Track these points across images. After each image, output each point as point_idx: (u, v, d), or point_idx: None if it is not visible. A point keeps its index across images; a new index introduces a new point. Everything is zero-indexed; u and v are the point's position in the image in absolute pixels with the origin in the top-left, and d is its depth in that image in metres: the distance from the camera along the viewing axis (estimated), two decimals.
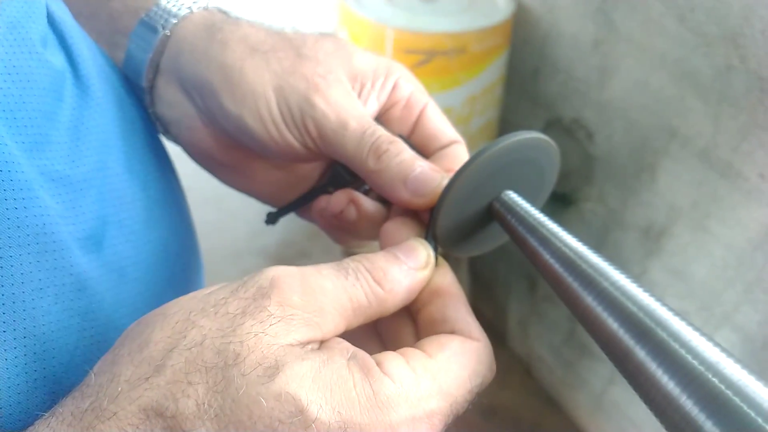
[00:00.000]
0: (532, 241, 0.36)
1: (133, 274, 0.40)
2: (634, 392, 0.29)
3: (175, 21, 0.43)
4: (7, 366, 0.31)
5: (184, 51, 0.42)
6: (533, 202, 0.38)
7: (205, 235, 0.57)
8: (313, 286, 0.30)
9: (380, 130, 0.40)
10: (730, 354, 0.27)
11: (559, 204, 1.39)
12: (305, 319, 0.29)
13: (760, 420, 0.23)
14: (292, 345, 0.28)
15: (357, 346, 0.32)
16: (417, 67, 1.09)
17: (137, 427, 0.26)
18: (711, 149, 1.02)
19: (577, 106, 1.27)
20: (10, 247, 0.31)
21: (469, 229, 0.40)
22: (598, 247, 1.35)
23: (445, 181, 0.38)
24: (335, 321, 0.31)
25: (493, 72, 1.18)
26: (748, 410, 0.24)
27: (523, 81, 1.38)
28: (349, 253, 1.64)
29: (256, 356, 0.27)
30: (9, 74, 0.33)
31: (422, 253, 0.36)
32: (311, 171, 0.49)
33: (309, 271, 0.31)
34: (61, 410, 0.27)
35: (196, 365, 0.27)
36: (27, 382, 0.32)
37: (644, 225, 1.21)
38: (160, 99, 0.45)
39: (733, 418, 0.24)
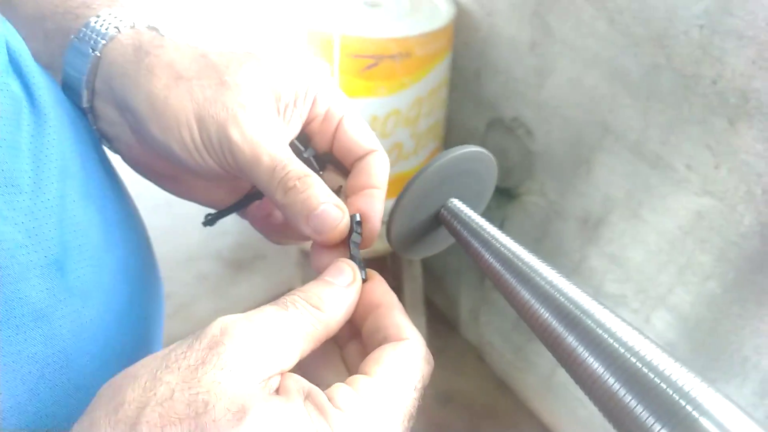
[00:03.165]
0: (475, 243, 0.40)
1: (95, 297, 0.41)
2: None
3: (103, 42, 0.43)
4: None
5: (115, 75, 0.43)
6: (476, 207, 0.42)
7: (158, 240, 0.58)
8: (262, 326, 0.33)
9: (291, 165, 0.41)
10: (647, 337, 0.31)
11: (503, 198, 1.44)
12: (259, 358, 0.31)
13: (671, 392, 0.28)
14: (254, 387, 0.31)
15: (320, 365, 0.35)
16: (365, 71, 1.12)
17: None
18: (642, 143, 1.08)
19: (517, 105, 1.31)
20: None
21: (420, 234, 0.44)
22: (540, 238, 1.40)
23: (345, 220, 0.41)
24: (288, 353, 0.33)
25: (437, 74, 1.22)
26: (662, 384, 0.28)
27: (467, 82, 1.42)
28: (304, 251, 1.63)
29: (225, 402, 0.29)
30: None
31: (348, 271, 0.39)
32: (244, 182, 0.51)
33: (254, 315, 0.33)
34: None
35: (169, 418, 0.29)
36: None
37: (582, 215, 1.26)
38: (99, 117, 0.46)
39: (649, 393, 0.28)
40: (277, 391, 0.32)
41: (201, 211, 0.53)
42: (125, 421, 0.29)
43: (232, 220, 0.54)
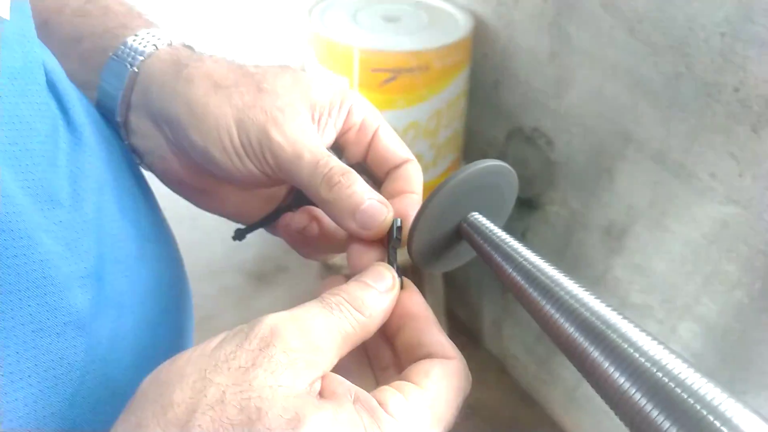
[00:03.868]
0: (497, 257, 0.40)
1: (130, 308, 0.42)
2: None
3: (142, 58, 0.45)
4: (16, 405, 0.33)
5: (153, 87, 0.44)
6: (496, 221, 0.42)
7: (183, 253, 0.58)
8: (308, 327, 0.33)
9: (333, 161, 0.41)
10: (672, 351, 0.31)
11: (525, 208, 1.43)
12: (307, 360, 0.31)
13: (698, 407, 0.27)
14: (303, 391, 0.30)
15: (349, 370, 0.35)
16: (384, 85, 1.12)
17: None
18: (664, 152, 1.07)
19: (537, 115, 1.31)
20: (10, 292, 0.32)
21: (441, 248, 0.44)
22: (563, 248, 1.39)
23: (390, 216, 0.41)
24: (330, 355, 0.33)
25: (456, 86, 1.22)
26: (689, 399, 0.28)
27: (486, 93, 1.42)
28: (325, 265, 1.64)
29: (278, 409, 0.29)
30: (13, 123, 0.34)
31: (388, 276, 0.38)
32: (277, 191, 0.52)
33: (300, 314, 0.34)
34: None
35: (222, 423, 0.28)
36: (35, 419, 0.34)
37: (605, 225, 1.25)
38: (133, 132, 0.47)
39: (675, 408, 0.28)
40: (321, 394, 0.32)
41: (225, 225, 0.53)
42: (176, 424, 0.28)
43: (255, 233, 0.54)
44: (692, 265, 1.11)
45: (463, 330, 1.85)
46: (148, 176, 0.51)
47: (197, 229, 1.45)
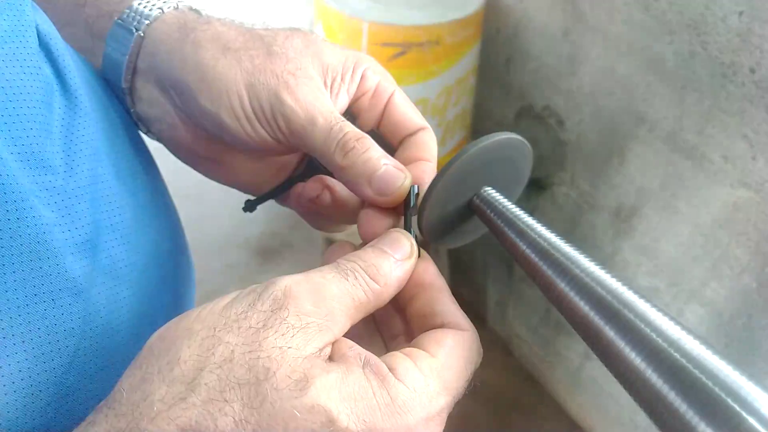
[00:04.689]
0: (510, 233, 0.39)
1: (127, 277, 0.41)
2: None
3: (147, 22, 0.44)
4: (11, 370, 0.32)
5: (160, 51, 0.43)
6: (510, 197, 0.41)
7: (187, 229, 0.58)
8: (322, 292, 0.32)
9: (348, 126, 0.40)
10: (690, 331, 0.30)
11: (533, 189, 1.42)
12: (319, 325, 0.31)
13: (717, 389, 0.26)
14: (313, 354, 0.30)
15: (359, 337, 0.34)
16: (393, 60, 1.11)
17: None
18: (677, 133, 1.06)
19: (548, 93, 1.29)
20: (3, 256, 0.32)
21: (452, 223, 0.43)
22: (570, 229, 1.38)
23: (408, 181, 0.39)
24: (343, 322, 0.33)
25: (466, 62, 1.20)
26: (707, 381, 0.27)
27: (496, 70, 1.40)
28: (330, 241, 1.65)
29: (285, 370, 0.28)
30: (2, 88, 0.34)
31: (406, 243, 0.37)
32: (288, 161, 0.51)
33: (315, 278, 0.33)
34: (95, 429, 0.28)
35: (229, 382, 0.28)
36: (30, 385, 0.33)
37: (615, 206, 1.24)
38: (139, 99, 0.46)
39: (692, 388, 0.27)
40: (331, 358, 0.31)
41: (230, 200, 0.53)
42: (182, 381, 0.28)
43: (260, 208, 0.53)
44: (701, 248, 1.10)
45: (467, 309, 1.80)
46: (157, 147, 0.50)
47: (202, 204, 1.45)
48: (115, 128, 0.45)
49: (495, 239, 0.41)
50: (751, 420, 0.25)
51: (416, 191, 0.40)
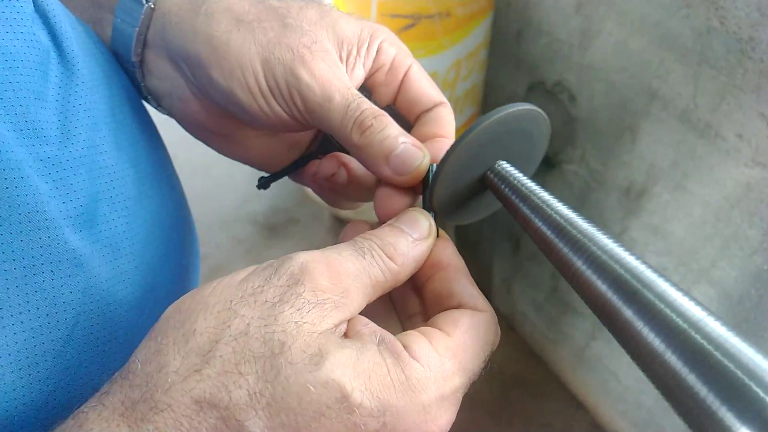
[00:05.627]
0: (524, 209, 0.38)
1: (127, 249, 0.41)
2: (615, 346, 0.31)
3: None
4: (7, 342, 0.32)
5: (171, 23, 0.42)
6: (525, 171, 0.40)
7: (194, 203, 0.57)
8: (339, 269, 0.32)
9: (365, 104, 0.39)
10: (711, 312, 0.29)
11: (541, 165, 1.40)
12: (335, 302, 0.31)
13: (739, 372, 0.25)
14: (328, 330, 0.30)
15: (375, 316, 0.34)
16: (402, 32, 1.09)
17: (192, 419, 0.27)
18: (691, 110, 1.04)
19: (560, 68, 1.27)
20: (1, 225, 0.31)
21: (464, 199, 0.42)
22: (579, 208, 1.36)
23: (427, 160, 0.39)
24: (359, 300, 0.32)
25: (477, 35, 1.18)
26: (728, 363, 0.26)
27: (507, 44, 1.37)
28: (336, 217, 1.64)
29: (300, 344, 0.28)
30: None
31: (424, 223, 0.37)
32: (303, 137, 0.50)
33: (332, 255, 0.33)
34: (110, 399, 0.28)
35: (244, 355, 0.28)
36: (27, 357, 0.33)
37: (625, 185, 1.23)
38: (150, 72, 0.45)
39: (714, 371, 0.26)
40: (346, 335, 0.31)
41: (238, 175, 0.52)
42: (197, 353, 0.28)
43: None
44: (712, 228, 1.09)
45: None
46: (162, 120, 0.49)
47: (210, 179, 1.44)
48: (118, 99, 0.44)
49: (502, 212, 0.40)
50: None
51: (435, 170, 0.39)
